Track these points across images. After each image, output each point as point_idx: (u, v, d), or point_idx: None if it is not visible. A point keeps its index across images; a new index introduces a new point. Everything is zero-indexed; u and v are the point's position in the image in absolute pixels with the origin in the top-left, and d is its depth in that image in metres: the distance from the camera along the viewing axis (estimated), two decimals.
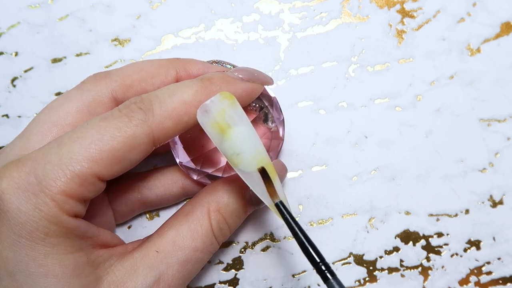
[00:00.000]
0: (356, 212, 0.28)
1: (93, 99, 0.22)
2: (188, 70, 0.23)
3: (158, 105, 0.19)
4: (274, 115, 0.25)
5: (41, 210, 0.18)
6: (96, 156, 0.18)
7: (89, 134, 0.18)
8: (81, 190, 0.18)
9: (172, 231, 0.21)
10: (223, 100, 0.19)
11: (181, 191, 0.25)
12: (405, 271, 0.27)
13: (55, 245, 0.18)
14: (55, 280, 0.18)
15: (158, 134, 0.19)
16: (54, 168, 0.18)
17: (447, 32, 0.29)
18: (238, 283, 0.27)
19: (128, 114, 0.19)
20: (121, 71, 0.23)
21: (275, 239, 0.27)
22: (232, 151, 0.19)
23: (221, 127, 0.19)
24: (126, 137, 0.18)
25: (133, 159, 0.19)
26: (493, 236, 0.28)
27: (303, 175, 0.28)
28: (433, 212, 0.28)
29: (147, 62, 0.23)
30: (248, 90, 0.21)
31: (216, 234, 0.22)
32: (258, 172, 0.19)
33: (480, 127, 0.28)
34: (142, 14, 0.29)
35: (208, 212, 0.21)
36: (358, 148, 0.28)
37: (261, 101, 0.25)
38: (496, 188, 0.28)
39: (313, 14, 0.29)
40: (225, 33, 0.29)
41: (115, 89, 0.22)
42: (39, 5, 0.29)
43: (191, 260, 0.21)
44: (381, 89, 0.29)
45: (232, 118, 0.19)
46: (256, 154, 0.19)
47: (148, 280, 0.20)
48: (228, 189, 0.22)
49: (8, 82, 0.28)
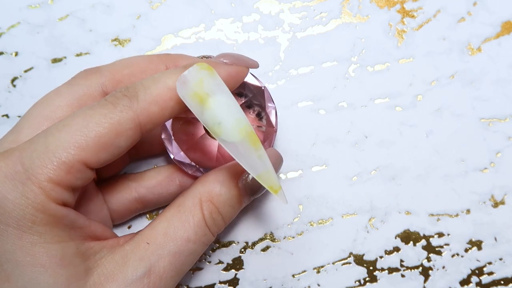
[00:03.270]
0: (356, 212, 0.28)
1: (83, 93, 0.22)
2: (177, 65, 0.23)
3: (143, 92, 0.19)
4: (265, 104, 0.25)
5: (28, 198, 0.18)
6: (82, 143, 0.18)
7: (74, 122, 0.18)
8: (68, 177, 0.18)
9: (163, 223, 0.21)
10: (200, 70, 0.19)
11: (178, 189, 0.25)
12: (406, 271, 0.27)
13: (42, 234, 0.18)
14: (43, 270, 0.18)
15: (144, 120, 0.19)
16: (41, 156, 0.18)
17: (448, 32, 0.29)
18: (238, 283, 0.27)
19: (113, 102, 0.19)
20: (111, 66, 0.23)
21: (275, 239, 0.27)
22: (213, 120, 0.19)
23: (200, 97, 0.19)
24: (112, 123, 0.19)
25: (120, 145, 0.19)
26: (494, 236, 0.28)
27: (303, 175, 0.28)
28: (434, 212, 0.28)
29: (138, 58, 0.23)
30: (232, 73, 0.21)
31: (209, 224, 0.21)
32: (241, 141, 0.19)
33: (481, 127, 0.28)
34: (142, 14, 0.29)
35: (200, 203, 0.21)
36: (358, 148, 0.28)
37: (251, 92, 0.25)
38: (497, 188, 0.28)
39: (313, 14, 0.29)
40: (225, 33, 0.29)
41: (105, 83, 0.22)
42: (39, 5, 0.29)
43: (183, 251, 0.21)
44: (381, 89, 0.29)
45: (211, 88, 0.19)
46: (237, 122, 0.19)
47: (139, 272, 0.20)
48: (219, 179, 0.22)
49: (8, 82, 0.28)
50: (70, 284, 0.19)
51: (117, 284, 0.19)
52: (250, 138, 0.19)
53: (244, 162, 0.19)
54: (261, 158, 0.19)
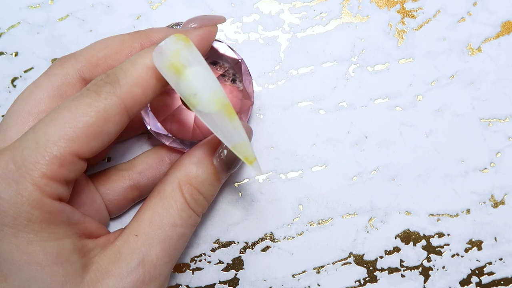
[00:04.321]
0: (356, 212, 0.28)
1: (61, 82, 0.22)
2: (151, 40, 0.23)
3: (123, 76, 0.19)
4: (242, 77, 0.25)
5: (22, 196, 0.18)
6: (72, 135, 0.18)
7: (61, 115, 0.18)
8: (61, 171, 0.18)
9: (147, 212, 0.21)
10: (177, 41, 0.19)
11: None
12: (406, 271, 0.27)
13: (39, 232, 0.18)
14: (39, 268, 0.18)
15: (129, 103, 0.19)
16: (32, 152, 0.18)
17: (448, 32, 0.29)
18: (238, 283, 0.27)
19: (96, 90, 0.19)
20: (85, 50, 0.23)
21: (275, 239, 0.27)
22: (189, 91, 0.19)
23: (177, 67, 0.19)
24: (98, 111, 0.19)
25: (109, 132, 0.19)
26: (494, 237, 0.28)
27: (303, 175, 0.28)
28: (434, 212, 0.28)
29: (111, 39, 0.23)
30: (203, 35, 0.21)
31: (192, 206, 0.22)
32: (217, 112, 0.19)
33: (481, 127, 0.28)
34: (142, 14, 0.29)
35: (179, 187, 0.21)
36: (358, 148, 0.28)
37: (228, 63, 0.25)
38: (497, 188, 0.28)
39: (313, 14, 0.29)
40: (225, 33, 0.29)
41: (82, 69, 0.22)
42: (39, 5, 0.29)
43: (172, 237, 0.21)
44: (381, 89, 0.29)
45: (187, 59, 0.19)
46: (214, 93, 0.19)
47: (132, 264, 0.20)
48: (194, 160, 0.22)
49: (8, 82, 0.28)
50: (68, 282, 0.19)
51: (113, 279, 0.20)
52: (225, 109, 0.19)
53: (220, 133, 0.19)
54: (237, 129, 0.19)
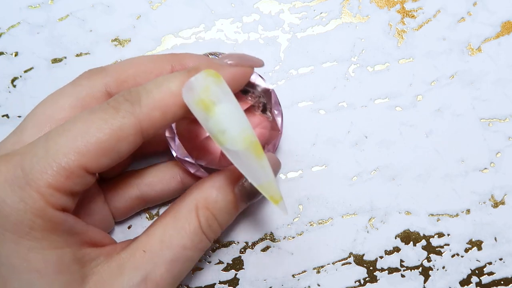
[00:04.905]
0: (356, 212, 0.28)
1: (86, 93, 0.22)
2: (183, 64, 0.23)
3: (145, 96, 0.19)
4: (272, 107, 0.25)
5: (26, 203, 0.17)
6: (83, 148, 0.18)
7: (75, 127, 0.18)
8: (68, 183, 0.18)
9: (159, 230, 0.21)
10: (207, 77, 0.19)
11: (180, 186, 0.25)
12: (406, 271, 0.27)
13: (40, 240, 0.18)
14: (38, 276, 0.18)
15: (145, 125, 0.19)
16: (41, 161, 0.18)
17: (448, 32, 0.29)
18: (238, 283, 0.27)
19: (115, 106, 0.19)
20: (116, 66, 0.23)
21: (275, 239, 0.27)
22: (217, 128, 0.19)
23: (206, 104, 0.18)
24: (113, 129, 0.18)
25: (121, 151, 0.19)
26: (494, 237, 0.28)
27: (303, 175, 0.28)
28: (434, 212, 0.28)
29: (143, 58, 0.23)
30: (237, 74, 0.21)
31: (205, 231, 0.21)
32: (245, 150, 0.19)
33: (481, 127, 0.28)
34: (142, 14, 0.29)
35: (196, 209, 0.21)
36: (358, 148, 0.28)
37: (258, 92, 0.24)
38: (497, 188, 0.28)
39: (313, 14, 0.29)
40: (225, 33, 0.29)
41: (109, 83, 0.22)
42: (39, 5, 0.29)
43: (180, 259, 0.21)
44: (381, 89, 0.29)
45: (217, 95, 0.19)
46: (242, 131, 0.19)
47: (135, 280, 0.20)
48: (216, 185, 0.22)
49: (8, 82, 0.28)
50: None
51: None
52: (253, 148, 0.19)
53: (246, 171, 0.19)
54: (264, 168, 0.19)
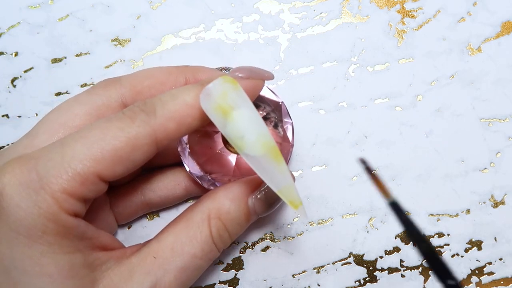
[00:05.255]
0: (356, 212, 0.28)
1: (102, 103, 0.22)
2: (197, 77, 0.23)
3: (161, 107, 0.19)
4: (282, 119, 0.25)
5: (40, 207, 0.18)
6: (98, 156, 0.18)
7: (91, 134, 0.18)
8: (82, 189, 0.18)
9: (170, 237, 0.21)
10: (224, 83, 0.19)
11: (184, 193, 0.25)
12: (406, 271, 0.27)
13: (52, 244, 0.18)
14: (50, 280, 0.18)
15: (160, 136, 0.19)
16: (56, 166, 0.18)
17: (448, 32, 0.29)
18: (238, 283, 0.27)
19: (131, 116, 0.19)
20: (131, 77, 0.23)
21: (275, 239, 0.27)
22: (236, 134, 0.19)
23: (224, 110, 0.19)
24: (129, 138, 0.18)
25: (135, 160, 0.19)
26: (494, 237, 0.28)
27: (303, 175, 0.28)
28: (434, 212, 0.28)
29: (158, 69, 0.23)
30: (249, 87, 0.21)
31: (216, 241, 0.21)
32: (264, 155, 0.19)
33: (481, 127, 0.28)
34: (142, 14, 0.29)
35: (208, 219, 0.21)
36: (358, 148, 0.28)
37: (269, 105, 0.25)
38: (497, 188, 0.28)
39: (313, 14, 0.29)
40: (225, 33, 0.29)
41: (125, 94, 0.22)
42: (39, 5, 0.29)
43: (189, 267, 0.21)
44: (381, 89, 0.29)
45: (235, 101, 0.19)
46: (260, 136, 0.19)
47: (144, 286, 0.20)
48: (230, 195, 0.22)
49: (8, 82, 0.28)
50: None
51: None
52: (272, 152, 0.19)
53: (266, 176, 0.19)
54: (283, 172, 0.19)
